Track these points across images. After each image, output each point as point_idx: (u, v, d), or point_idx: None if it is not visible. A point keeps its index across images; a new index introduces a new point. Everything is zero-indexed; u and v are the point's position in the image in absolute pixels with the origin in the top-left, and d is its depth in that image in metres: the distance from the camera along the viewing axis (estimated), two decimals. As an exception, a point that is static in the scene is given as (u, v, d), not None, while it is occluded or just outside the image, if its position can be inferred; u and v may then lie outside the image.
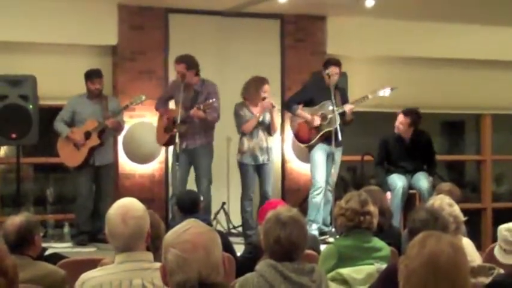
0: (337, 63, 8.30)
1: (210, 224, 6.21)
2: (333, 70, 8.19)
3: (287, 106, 8.61)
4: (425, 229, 3.37)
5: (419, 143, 8.41)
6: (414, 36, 10.25)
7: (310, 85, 8.71)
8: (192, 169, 8.19)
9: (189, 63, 8.06)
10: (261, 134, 8.30)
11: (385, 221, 5.48)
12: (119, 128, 8.41)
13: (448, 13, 9.92)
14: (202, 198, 7.16)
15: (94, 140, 8.13)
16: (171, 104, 8.33)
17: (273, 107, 8.25)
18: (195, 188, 7.93)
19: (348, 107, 8.19)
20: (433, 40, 10.30)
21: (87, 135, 8.13)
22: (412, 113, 8.33)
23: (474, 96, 11.05)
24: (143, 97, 8.22)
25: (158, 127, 8.41)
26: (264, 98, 8.22)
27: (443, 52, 10.45)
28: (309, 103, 8.37)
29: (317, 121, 8.25)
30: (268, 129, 8.35)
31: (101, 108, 8.25)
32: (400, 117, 8.33)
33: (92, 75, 8.27)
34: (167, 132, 8.17)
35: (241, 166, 8.33)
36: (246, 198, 8.29)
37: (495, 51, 10.66)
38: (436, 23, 10.23)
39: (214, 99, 7.88)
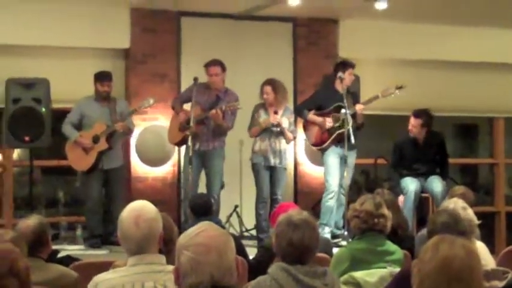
0: (354, 65, 8.32)
1: (222, 227, 6.20)
2: (351, 72, 8.21)
3: (298, 112, 8.58)
4: (445, 232, 3.36)
5: (432, 144, 8.39)
6: (427, 39, 10.22)
7: (321, 90, 8.71)
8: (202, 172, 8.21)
9: (223, 66, 8.13)
10: (274, 137, 8.28)
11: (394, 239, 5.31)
12: (128, 131, 8.38)
13: (460, 16, 9.89)
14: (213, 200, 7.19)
15: (102, 145, 8.07)
16: (187, 107, 8.29)
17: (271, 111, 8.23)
18: (205, 191, 7.94)
19: (358, 107, 8.17)
20: (446, 43, 10.27)
21: (96, 139, 8.08)
22: (423, 114, 8.29)
23: (487, 99, 11.00)
24: (151, 101, 8.15)
25: (171, 126, 8.39)
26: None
27: (456, 55, 10.42)
28: (320, 108, 8.36)
29: (329, 123, 8.23)
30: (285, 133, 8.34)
31: (110, 111, 8.20)
32: (412, 120, 8.29)
33: (102, 77, 8.25)
34: (181, 131, 8.15)
35: (253, 166, 8.34)
36: (260, 200, 8.27)
37: (508, 54, 10.62)
38: (449, 25, 10.20)
39: (238, 103, 7.89)
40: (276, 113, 8.24)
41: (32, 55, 8.90)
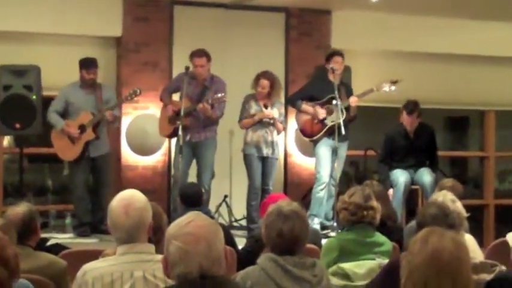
0: (340, 53, 8.29)
1: (212, 217, 6.19)
2: (336, 59, 8.17)
3: (291, 102, 8.60)
4: (434, 224, 3.37)
5: (423, 136, 8.39)
6: (419, 31, 10.23)
7: (314, 81, 8.70)
8: (193, 162, 8.19)
9: (209, 56, 8.07)
10: (267, 128, 8.28)
11: (383, 230, 5.28)
12: (115, 120, 8.24)
13: (453, 8, 9.90)
14: (204, 190, 7.18)
15: (89, 135, 7.98)
16: (175, 96, 8.30)
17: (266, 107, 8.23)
18: (195, 181, 7.93)
19: (352, 99, 8.17)
20: (438, 35, 10.28)
21: (82, 128, 7.99)
22: (415, 107, 8.27)
23: (478, 92, 11.04)
24: (138, 91, 8.02)
25: (161, 118, 8.37)
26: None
27: (448, 47, 10.43)
28: (313, 99, 8.35)
29: (322, 114, 8.22)
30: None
31: (95, 98, 8.08)
32: (408, 118, 8.21)
33: (88, 64, 8.10)
34: (171, 124, 8.13)
35: (245, 157, 8.34)
36: (252, 191, 8.28)
37: (500, 48, 10.64)
38: (441, 18, 10.21)
39: (223, 94, 7.86)
40: (266, 107, 8.25)
41: (23, 42, 8.87)
